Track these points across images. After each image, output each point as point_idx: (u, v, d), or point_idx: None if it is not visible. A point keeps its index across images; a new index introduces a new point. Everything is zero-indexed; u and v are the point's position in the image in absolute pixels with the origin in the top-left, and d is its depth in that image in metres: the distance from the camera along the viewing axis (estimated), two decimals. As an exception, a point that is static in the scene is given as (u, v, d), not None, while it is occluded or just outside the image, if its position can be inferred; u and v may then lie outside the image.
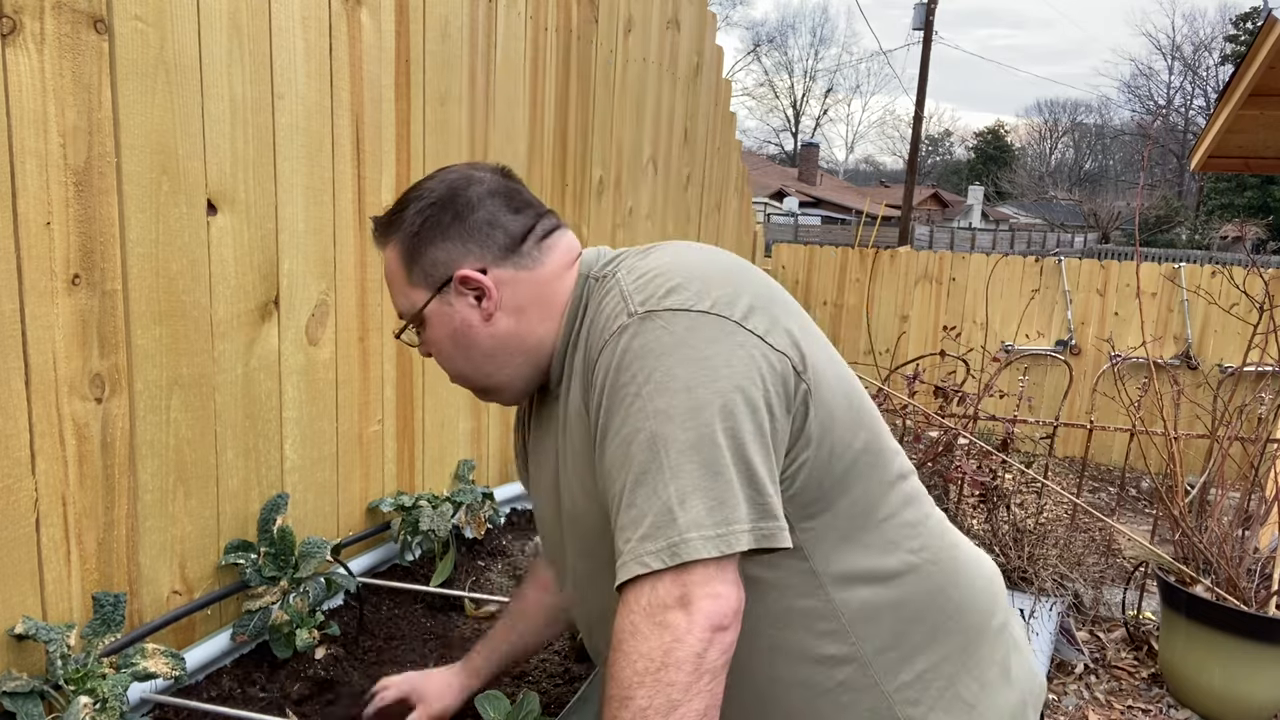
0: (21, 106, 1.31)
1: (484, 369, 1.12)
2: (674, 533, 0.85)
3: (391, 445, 2.26)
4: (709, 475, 0.87)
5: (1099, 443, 6.17)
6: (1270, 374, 4.09)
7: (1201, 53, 47.34)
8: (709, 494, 0.86)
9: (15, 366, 1.34)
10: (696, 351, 0.91)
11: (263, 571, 1.76)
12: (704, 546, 0.85)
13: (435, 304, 1.10)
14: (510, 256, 1.09)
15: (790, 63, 72.56)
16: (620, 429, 0.91)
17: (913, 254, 7.48)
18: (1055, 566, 3.10)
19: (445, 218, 1.09)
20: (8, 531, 1.35)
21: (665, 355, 0.91)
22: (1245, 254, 21.04)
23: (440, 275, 1.09)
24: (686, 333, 0.92)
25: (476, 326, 1.09)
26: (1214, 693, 2.85)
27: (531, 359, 1.11)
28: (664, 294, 0.95)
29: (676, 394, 0.89)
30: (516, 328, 1.09)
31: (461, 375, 1.15)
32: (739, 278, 1.00)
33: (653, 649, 0.83)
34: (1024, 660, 1.17)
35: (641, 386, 0.91)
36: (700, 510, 0.86)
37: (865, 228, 12.58)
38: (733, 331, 0.93)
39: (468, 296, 1.09)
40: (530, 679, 1.86)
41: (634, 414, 0.90)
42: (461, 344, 1.11)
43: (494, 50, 2.50)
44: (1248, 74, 3.78)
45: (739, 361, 0.91)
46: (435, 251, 1.09)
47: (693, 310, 0.93)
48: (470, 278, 1.08)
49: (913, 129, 21.01)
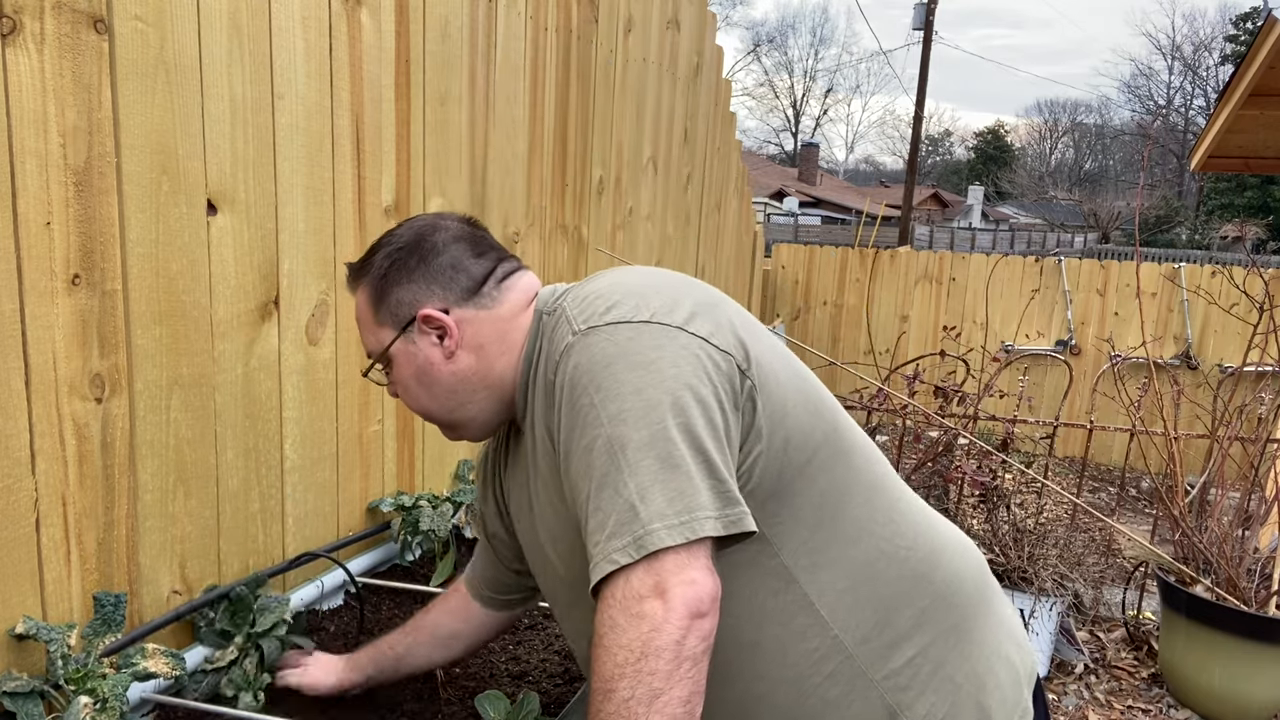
0: (21, 106, 1.31)
1: (447, 405, 1.17)
2: (638, 526, 0.87)
3: (391, 445, 2.26)
4: (667, 469, 0.89)
5: (1099, 443, 6.17)
6: (1270, 374, 4.09)
7: (1201, 53, 47.35)
8: (668, 485, 0.88)
9: (15, 366, 1.34)
10: (642, 356, 0.94)
11: (216, 629, 1.70)
12: (668, 535, 0.87)
13: (400, 343, 1.16)
14: (471, 298, 1.14)
15: (790, 63, 72.58)
16: (579, 440, 0.94)
17: (913, 254, 7.48)
18: (1055, 566, 3.10)
19: (411, 261, 1.15)
20: (8, 531, 1.35)
21: (611, 364, 0.94)
22: (1245, 254, 21.04)
23: (405, 315, 1.15)
24: (629, 341, 0.96)
25: (438, 364, 1.14)
26: (1214, 693, 2.85)
27: (494, 394, 1.16)
28: (604, 310, 1.00)
29: (627, 397, 0.92)
30: (477, 365, 1.14)
31: (427, 412, 1.20)
32: (679, 289, 1.05)
33: (631, 640, 0.84)
34: (1013, 638, 1.17)
35: (593, 397, 0.94)
36: (661, 502, 0.88)
37: (865, 228, 12.58)
38: (674, 335, 0.97)
39: (430, 335, 1.14)
40: (530, 679, 1.86)
41: (589, 423, 0.93)
42: (425, 381, 1.16)
43: (494, 50, 2.50)
44: (1248, 74, 3.78)
45: (684, 362, 0.95)
46: (400, 292, 1.15)
47: (633, 321, 0.98)
48: (433, 316, 1.13)
49: (913, 129, 21.01)
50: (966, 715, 1.06)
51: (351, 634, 1.94)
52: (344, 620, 2.00)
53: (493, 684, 1.81)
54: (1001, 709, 1.09)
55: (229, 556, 1.78)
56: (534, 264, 2.86)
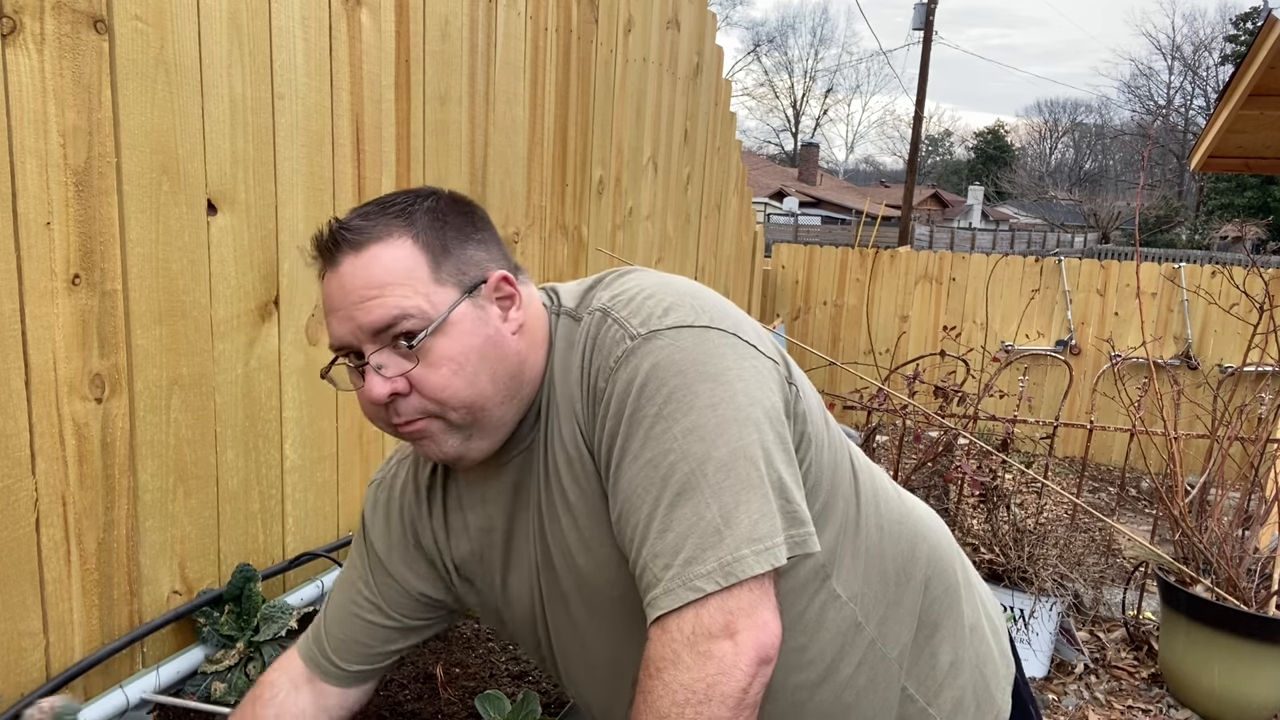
0: (21, 106, 1.31)
1: (502, 393, 0.95)
2: (724, 551, 0.81)
3: (392, 445, 2.26)
4: (748, 490, 0.84)
5: (1099, 443, 6.17)
6: (1270, 374, 4.09)
7: (1201, 53, 47.35)
8: (751, 508, 0.83)
9: (15, 366, 1.34)
10: (711, 367, 0.87)
11: (221, 630, 1.70)
12: (756, 562, 0.82)
13: (467, 305, 0.93)
14: (517, 268, 1.00)
15: (790, 63, 72.55)
16: (642, 452, 0.86)
17: (913, 254, 7.48)
18: (1055, 566, 3.10)
19: (475, 217, 0.98)
20: (8, 531, 1.35)
21: (682, 373, 0.86)
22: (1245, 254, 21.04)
23: (476, 276, 0.94)
24: (695, 348, 0.88)
25: (507, 340, 0.94)
26: (1214, 693, 2.85)
27: (528, 395, 0.98)
28: (661, 313, 0.90)
29: (702, 411, 0.85)
30: (528, 351, 0.97)
31: (467, 401, 0.93)
32: (710, 296, 0.98)
33: (695, 680, 0.79)
34: (987, 609, 1.20)
35: (662, 407, 0.86)
36: (746, 526, 0.82)
37: (865, 228, 12.58)
38: (735, 344, 0.90)
39: (495, 305, 0.95)
40: (530, 679, 1.86)
41: (657, 435, 0.85)
42: (490, 357, 0.93)
43: (494, 50, 2.50)
44: (1248, 74, 3.78)
45: (749, 374, 0.89)
46: (470, 249, 0.95)
47: (695, 326, 0.89)
48: (508, 279, 0.96)
49: (913, 129, 21.01)
50: (970, 679, 1.10)
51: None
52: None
53: (493, 684, 1.81)
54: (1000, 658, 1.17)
55: (229, 556, 1.78)
56: (534, 264, 2.86)
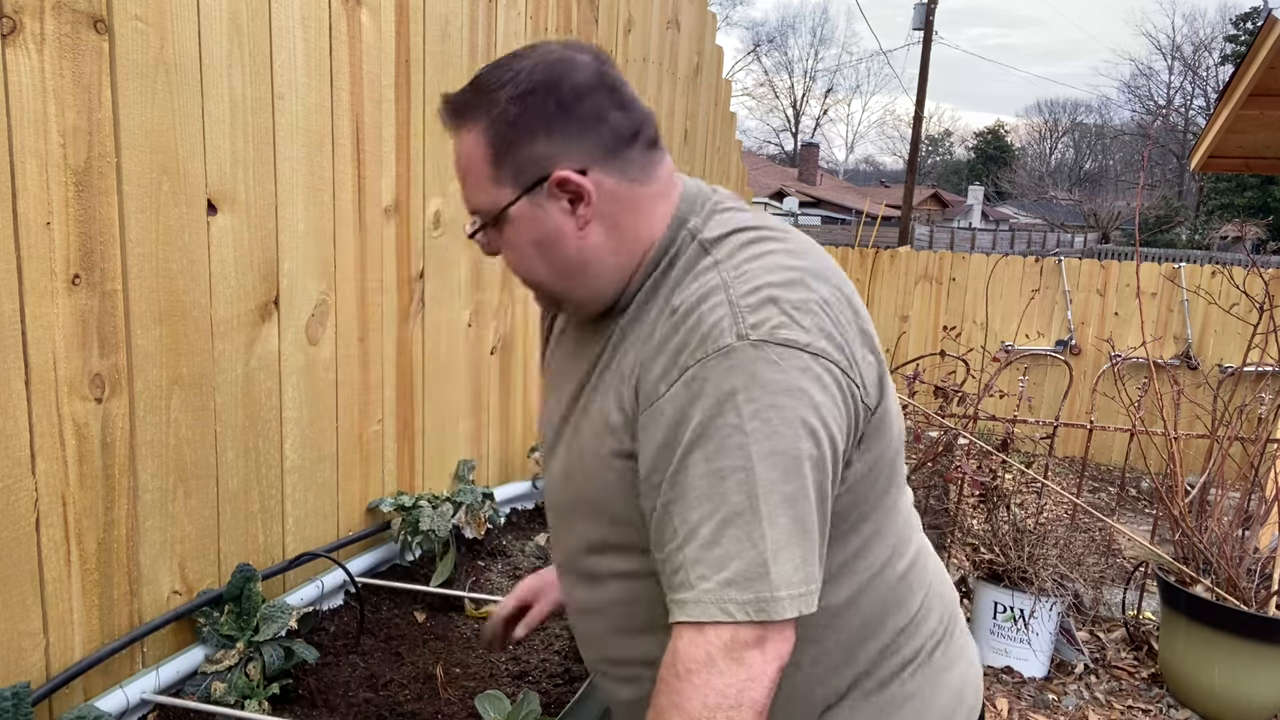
0: (21, 106, 1.31)
1: (564, 282, 1.00)
2: (765, 588, 0.84)
3: (391, 445, 2.26)
4: (801, 532, 0.85)
5: (1099, 443, 6.17)
6: (1270, 374, 4.09)
7: (1201, 53, 47.34)
8: (798, 551, 0.85)
9: (15, 366, 1.34)
10: (807, 399, 0.87)
11: (221, 630, 1.70)
12: (790, 606, 0.84)
13: (524, 205, 0.96)
14: (613, 160, 0.96)
15: (790, 63, 72.52)
16: (714, 458, 0.86)
17: (913, 254, 7.48)
18: (1055, 566, 3.10)
19: (549, 106, 0.94)
20: (8, 531, 1.35)
21: (777, 395, 0.86)
22: (1245, 254, 21.05)
23: (534, 174, 0.95)
24: (800, 375, 0.87)
25: (569, 236, 0.97)
26: (1214, 693, 2.85)
27: (613, 281, 1.00)
28: (778, 323, 0.88)
29: (783, 439, 0.85)
30: (606, 242, 0.98)
31: (538, 283, 1.02)
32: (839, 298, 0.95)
33: (728, 685, 0.83)
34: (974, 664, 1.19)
35: (746, 421, 0.86)
36: (789, 568, 0.84)
37: (865, 228, 12.58)
38: (838, 379, 0.89)
39: (562, 200, 0.96)
40: (530, 679, 1.86)
41: (732, 448, 0.86)
42: (547, 252, 0.98)
43: (494, 50, 2.50)
44: (1248, 74, 3.78)
45: (837, 413, 0.89)
46: (534, 145, 0.95)
47: (806, 351, 0.88)
48: (569, 180, 0.95)
49: (913, 129, 21.01)
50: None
51: (351, 634, 1.94)
52: (344, 620, 2.00)
53: (493, 684, 1.81)
54: None
55: (229, 556, 1.78)
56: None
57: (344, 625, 1.98)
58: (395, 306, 2.21)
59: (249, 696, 1.64)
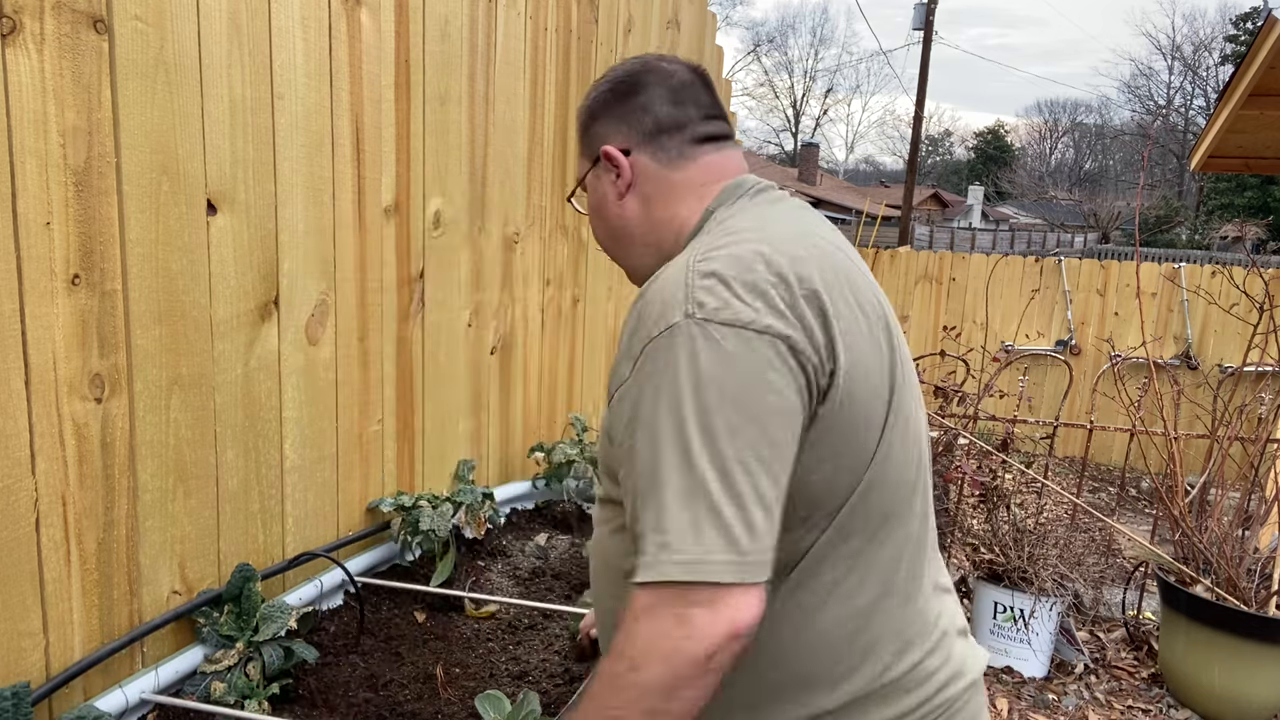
0: (21, 106, 1.31)
1: (612, 244, 1.22)
2: (700, 549, 0.87)
3: (391, 445, 2.26)
4: (739, 500, 0.88)
5: (1099, 443, 6.17)
6: (1270, 374, 4.09)
7: (1201, 53, 47.33)
8: (737, 516, 0.87)
9: (15, 366, 1.34)
10: (740, 373, 0.90)
11: (220, 630, 1.70)
12: (725, 571, 0.86)
13: (591, 175, 1.20)
14: (649, 144, 1.15)
15: (790, 63, 72.50)
16: (651, 421, 0.92)
17: (913, 254, 7.48)
18: (1055, 566, 3.10)
19: (613, 98, 1.18)
20: (8, 531, 1.35)
21: (710, 368, 0.90)
22: (1245, 254, 21.04)
23: (595, 148, 1.18)
24: (734, 353, 0.90)
25: (611, 203, 1.18)
26: (1214, 693, 2.85)
27: (646, 255, 1.17)
28: (724, 301, 0.93)
29: (716, 414, 0.89)
30: (641, 214, 1.16)
31: (601, 244, 1.24)
32: (815, 276, 0.97)
33: (665, 636, 0.87)
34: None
35: (680, 391, 0.90)
36: (722, 537, 0.87)
37: (865, 228, 12.57)
38: (784, 355, 0.92)
39: (611, 173, 1.16)
40: (530, 679, 1.86)
41: (667, 414, 0.90)
42: (599, 215, 1.21)
43: (494, 50, 2.50)
44: (1248, 74, 3.78)
45: (782, 388, 0.91)
46: (597, 127, 1.19)
47: (748, 329, 0.91)
48: (612, 154, 1.15)
49: (913, 129, 21.00)
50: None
51: (351, 634, 1.94)
52: (344, 620, 2.00)
53: (493, 684, 1.81)
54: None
55: (229, 556, 1.78)
56: (533, 263, 2.86)
57: (344, 625, 1.98)
58: (395, 306, 2.22)
59: (249, 696, 1.64)
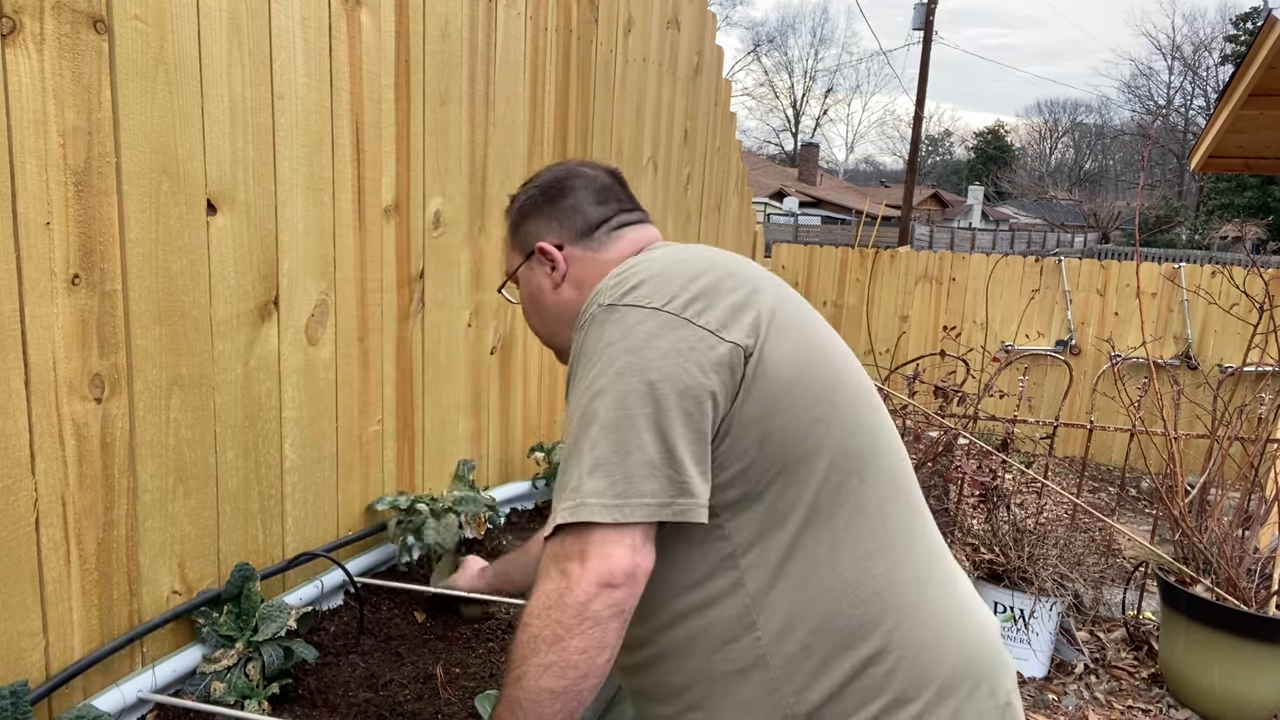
0: (21, 106, 1.31)
1: (550, 328, 1.34)
2: (579, 497, 0.99)
3: (391, 445, 2.26)
4: (620, 452, 0.99)
5: (1099, 443, 6.17)
6: (1270, 374, 4.09)
7: (1201, 53, 47.33)
8: (615, 468, 0.98)
9: (15, 366, 1.34)
10: (635, 341, 1.03)
11: (220, 630, 1.70)
12: (599, 512, 0.97)
13: (524, 268, 1.33)
14: (582, 239, 1.29)
15: (790, 63, 72.56)
16: (572, 402, 1.07)
17: (913, 254, 7.48)
18: (1055, 566, 3.10)
19: (543, 200, 1.32)
20: (7, 531, 1.35)
21: (612, 344, 1.04)
22: (1245, 254, 21.04)
23: (529, 245, 1.32)
24: (634, 326, 1.05)
25: (546, 292, 1.31)
26: (1214, 693, 2.85)
27: None
28: (627, 291, 1.09)
29: (610, 378, 1.02)
30: (577, 299, 1.28)
31: (537, 332, 1.38)
32: (712, 278, 1.10)
33: (551, 589, 0.99)
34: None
35: (588, 369, 1.05)
36: (603, 482, 0.98)
37: (865, 228, 12.58)
38: (678, 326, 1.04)
39: (545, 265, 1.30)
40: (530, 679, 1.86)
41: (579, 392, 1.05)
42: (535, 305, 1.34)
43: (494, 50, 2.50)
44: (1248, 74, 3.78)
45: (675, 354, 1.03)
46: (529, 225, 1.33)
47: (646, 307, 1.06)
48: (547, 250, 1.29)
49: (913, 129, 21.00)
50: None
51: (351, 634, 1.94)
52: (344, 620, 2.00)
53: (492, 684, 1.81)
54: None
55: (229, 556, 1.78)
56: (534, 264, 2.86)
57: (344, 625, 1.98)
58: (395, 306, 2.22)
59: (248, 696, 1.64)
